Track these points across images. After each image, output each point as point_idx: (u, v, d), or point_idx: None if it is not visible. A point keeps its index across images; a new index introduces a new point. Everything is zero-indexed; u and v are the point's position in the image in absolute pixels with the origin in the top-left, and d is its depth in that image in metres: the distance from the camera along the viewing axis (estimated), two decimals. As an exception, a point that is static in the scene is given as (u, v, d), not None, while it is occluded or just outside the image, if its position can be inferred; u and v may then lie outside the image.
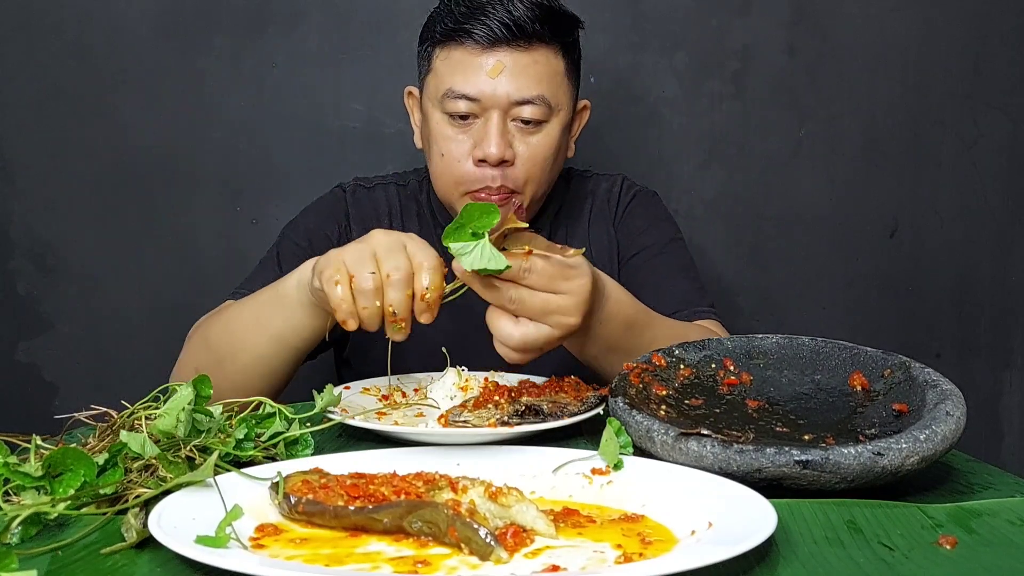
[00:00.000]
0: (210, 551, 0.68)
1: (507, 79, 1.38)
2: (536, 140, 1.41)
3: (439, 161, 1.45)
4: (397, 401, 1.19)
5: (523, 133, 1.41)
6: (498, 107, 1.38)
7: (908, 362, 1.03)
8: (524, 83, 1.38)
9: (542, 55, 1.40)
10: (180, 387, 0.93)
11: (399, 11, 1.94)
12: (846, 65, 2.03)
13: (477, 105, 1.39)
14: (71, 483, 0.81)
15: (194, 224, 1.96)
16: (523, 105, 1.39)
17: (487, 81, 1.38)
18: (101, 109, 1.93)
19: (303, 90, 1.95)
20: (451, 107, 1.40)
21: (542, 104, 1.40)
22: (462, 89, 1.39)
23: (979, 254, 2.10)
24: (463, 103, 1.39)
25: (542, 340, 1.04)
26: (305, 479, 0.82)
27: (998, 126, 2.07)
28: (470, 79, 1.39)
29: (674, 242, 1.55)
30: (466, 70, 1.39)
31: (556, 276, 1.01)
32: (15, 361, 1.96)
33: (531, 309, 1.01)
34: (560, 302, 1.02)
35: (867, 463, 0.83)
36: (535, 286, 1.01)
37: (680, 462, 0.89)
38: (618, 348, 1.19)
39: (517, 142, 1.40)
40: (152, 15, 1.92)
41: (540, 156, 1.42)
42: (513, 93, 1.38)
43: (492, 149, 1.37)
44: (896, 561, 0.71)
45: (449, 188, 1.45)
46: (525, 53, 1.39)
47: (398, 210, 1.58)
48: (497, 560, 0.69)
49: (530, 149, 1.41)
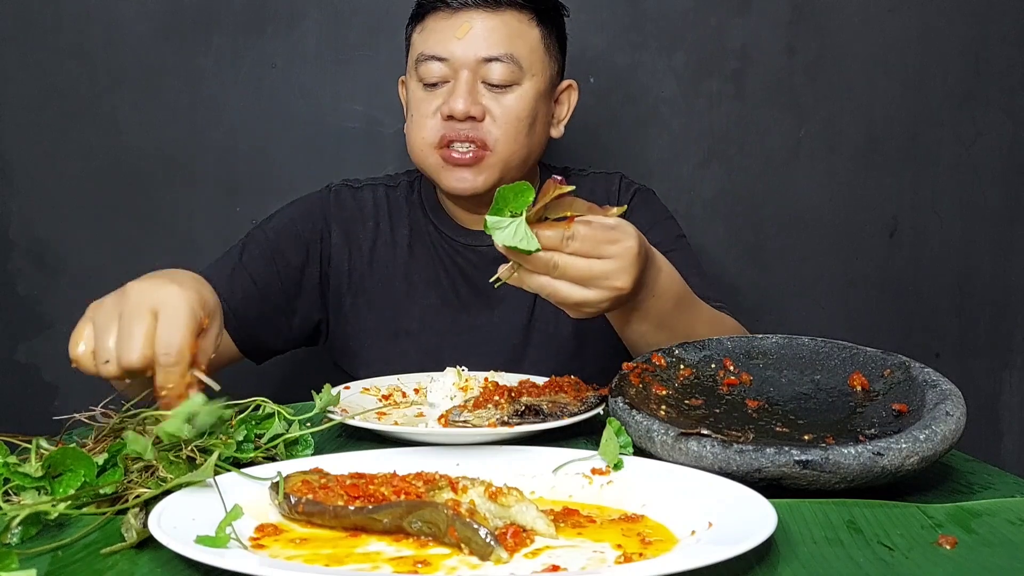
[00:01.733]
0: (210, 551, 0.68)
1: (474, 38, 1.41)
2: (508, 100, 1.42)
3: (410, 124, 1.46)
4: (397, 401, 1.19)
5: (494, 94, 1.42)
6: (466, 66, 1.40)
7: (908, 362, 1.03)
8: (492, 41, 1.41)
9: (512, 17, 1.43)
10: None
11: (398, 11, 1.93)
12: (845, 65, 2.03)
13: (447, 66, 1.41)
14: (71, 483, 0.81)
15: (193, 224, 1.96)
16: (491, 63, 1.41)
17: (455, 42, 1.41)
18: (100, 109, 1.93)
19: (302, 90, 1.95)
20: (424, 71, 1.43)
21: (511, 63, 1.41)
22: (432, 51, 1.42)
23: (979, 254, 2.10)
24: (434, 64, 1.42)
25: (590, 303, 1.04)
26: (305, 479, 0.82)
27: (998, 126, 2.07)
28: (440, 41, 1.42)
29: (680, 239, 1.55)
30: (437, 34, 1.42)
31: (601, 240, 1.01)
32: (15, 361, 1.96)
33: (575, 276, 1.01)
34: (605, 267, 1.02)
35: (867, 463, 0.83)
36: (579, 252, 1.00)
37: (680, 462, 0.89)
38: (666, 325, 1.19)
39: (488, 100, 1.42)
40: (151, 15, 1.92)
41: (513, 115, 1.42)
42: (481, 51, 1.40)
43: (459, 104, 1.39)
44: (896, 561, 0.71)
45: (419, 146, 1.45)
46: (493, 14, 1.42)
47: (386, 211, 1.57)
48: (497, 560, 0.69)
49: (502, 108, 1.42)
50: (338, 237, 1.55)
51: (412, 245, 1.56)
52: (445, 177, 1.44)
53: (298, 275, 1.51)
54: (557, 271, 1.01)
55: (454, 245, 1.55)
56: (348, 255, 1.54)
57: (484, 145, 1.41)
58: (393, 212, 1.58)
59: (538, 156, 1.52)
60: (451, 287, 1.54)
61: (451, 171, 1.43)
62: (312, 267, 1.53)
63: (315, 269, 1.53)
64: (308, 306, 1.53)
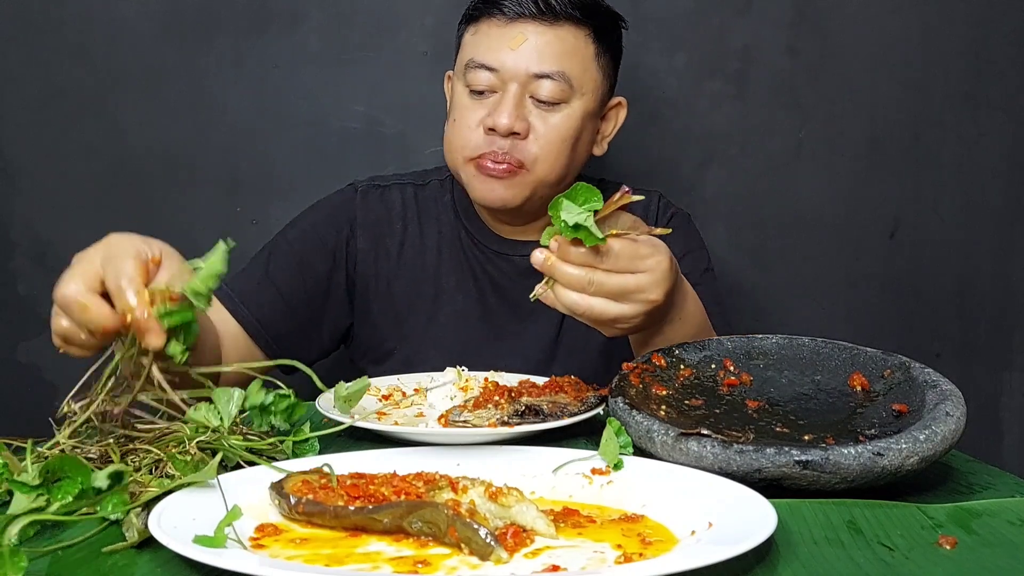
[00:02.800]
0: (210, 551, 0.68)
1: (528, 51, 1.37)
2: (554, 120, 1.39)
3: (450, 127, 1.44)
4: (397, 401, 1.19)
5: (541, 111, 1.39)
6: (516, 80, 1.37)
7: (908, 362, 1.03)
8: (545, 57, 1.37)
9: (568, 33, 1.39)
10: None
11: (400, 12, 1.94)
12: (847, 65, 2.03)
13: (496, 77, 1.38)
14: (69, 490, 0.80)
15: (194, 224, 1.96)
16: (542, 79, 1.37)
17: (508, 52, 1.38)
18: (101, 109, 1.93)
19: (304, 91, 1.95)
20: (472, 78, 1.40)
21: (562, 81, 1.38)
22: (483, 59, 1.39)
23: (979, 254, 2.10)
24: (483, 73, 1.38)
25: (625, 318, 1.04)
26: (305, 479, 0.82)
27: (999, 126, 2.07)
28: (492, 49, 1.39)
29: (707, 272, 1.53)
30: (489, 41, 1.39)
31: (633, 256, 1.02)
32: (15, 361, 1.96)
33: (610, 291, 1.02)
34: (640, 281, 1.03)
35: (867, 463, 0.83)
36: (614, 269, 1.01)
37: (680, 462, 0.89)
38: None
39: (534, 117, 1.39)
40: (153, 15, 1.92)
41: (556, 135, 1.39)
42: (532, 66, 1.37)
43: (503, 119, 1.36)
44: (896, 561, 0.71)
45: (455, 153, 1.43)
46: (550, 28, 1.38)
47: (415, 212, 1.54)
48: (497, 560, 0.69)
49: (547, 126, 1.39)
50: (364, 241, 1.52)
51: (441, 248, 1.53)
52: (476, 186, 1.41)
53: (325, 283, 1.49)
54: (592, 287, 1.01)
55: (486, 253, 1.52)
56: (375, 258, 1.52)
57: (521, 165, 1.39)
58: (422, 213, 1.55)
59: (576, 174, 1.48)
60: (479, 295, 1.51)
61: (483, 180, 1.40)
62: (339, 273, 1.50)
63: (341, 275, 1.51)
64: (336, 311, 1.51)
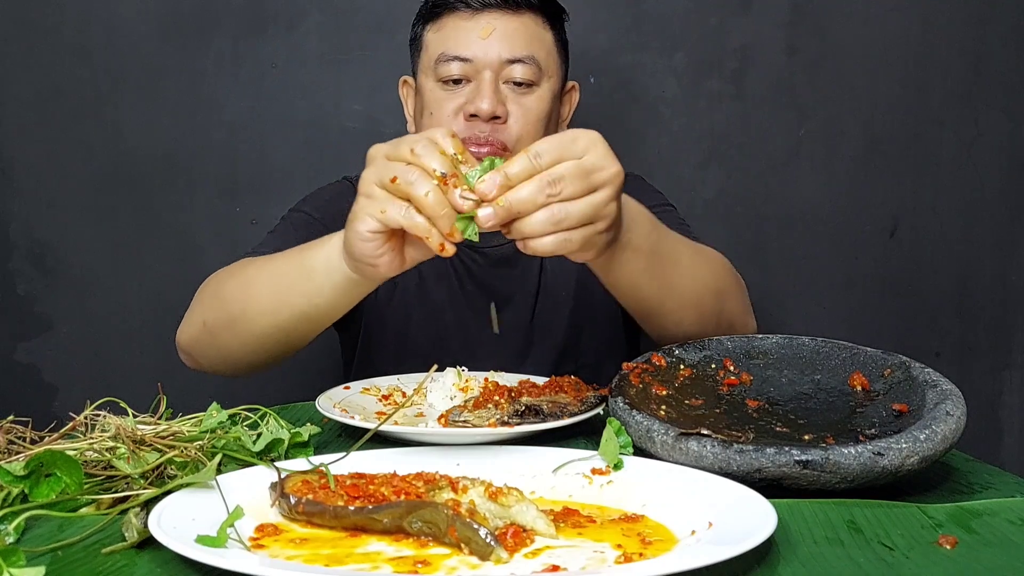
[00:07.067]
0: (210, 551, 0.68)
1: (498, 40, 1.41)
2: (529, 102, 1.43)
3: (428, 121, 1.45)
4: (397, 401, 1.19)
5: (516, 94, 1.43)
6: (490, 67, 1.41)
7: (908, 362, 1.03)
8: (515, 43, 1.42)
9: (530, 20, 1.44)
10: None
11: (398, 11, 1.94)
12: (846, 65, 2.03)
13: (470, 66, 1.41)
14: (56, 486, 0.80)
15: (193, 224, 1.96)
16: (514, 64, 1.41)
17: (479, 43, 1.41)
18: (101, 109, 1.93)
19: (303, 90, 1.95)
20: (444, 71, 1.42)
21: (532, 64, 1.42)
22: (455, 51, 1.42)
23: (979, 254, 2.10)
24: (456, 65, 1.42)
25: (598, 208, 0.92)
26: (305, 479, 0.82)
27: (998, 126, 2.07)
28: (462, 42, 1.42)
29: (667, 206, 1.53)
30: (458, 34, 1.43)
31: (565, 141, 0.93)
32: (15, 361, 1.96)
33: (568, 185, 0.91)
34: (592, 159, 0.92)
35: (867, 463, 0.83)
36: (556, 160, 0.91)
37: (680, 462, 0.89)
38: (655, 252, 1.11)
39: (510, 102, 1.42)
40: (152, 15, 1.92)
41: (534, 116, 1.43)
42: (504, 52, 1.41)
43: (484, 104, 1.39)
44: (896, 561, 0.71)
45: None
46: (515, 17, 1.43)
47: None
48: (497, 560, 0.69)
49: (523, 108, 1.42)
50: None
51: None
52: None
53: None
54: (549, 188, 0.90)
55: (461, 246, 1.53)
56: None
57: (505, 147, 1.41)
58: None
59: None
60: (460, 284, 1.54)
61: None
62: None
63: None
64: None
